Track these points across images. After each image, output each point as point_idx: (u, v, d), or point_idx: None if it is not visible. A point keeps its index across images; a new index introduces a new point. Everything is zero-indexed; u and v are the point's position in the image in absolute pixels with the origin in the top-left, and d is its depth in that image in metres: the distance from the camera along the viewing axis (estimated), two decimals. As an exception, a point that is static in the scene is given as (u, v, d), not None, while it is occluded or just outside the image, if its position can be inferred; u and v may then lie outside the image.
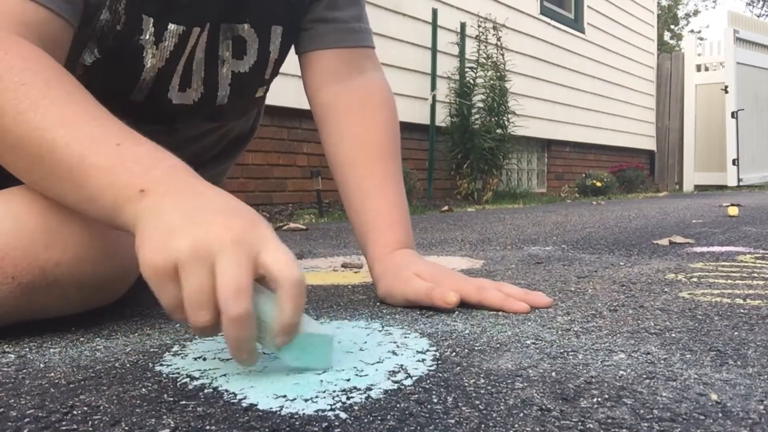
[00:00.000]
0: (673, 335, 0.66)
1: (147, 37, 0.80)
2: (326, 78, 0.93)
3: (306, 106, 1.00)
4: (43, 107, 0.61)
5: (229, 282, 0.50)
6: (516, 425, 0.42)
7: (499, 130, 4.71)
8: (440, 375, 0.53)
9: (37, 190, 0.66)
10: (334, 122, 0.93)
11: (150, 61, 0.82)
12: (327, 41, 0.93)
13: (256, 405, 0.47)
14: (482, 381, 0.52)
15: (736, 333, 0.67)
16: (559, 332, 0.68)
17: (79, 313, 0.74)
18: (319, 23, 0.92)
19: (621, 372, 0.54)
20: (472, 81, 4.63)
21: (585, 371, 0.54)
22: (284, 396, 0.48)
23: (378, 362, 0.57)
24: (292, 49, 0.96)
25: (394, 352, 0.61)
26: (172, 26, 0.81)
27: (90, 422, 0.44)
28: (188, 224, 0.53)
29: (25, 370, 0.56)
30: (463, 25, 4.68)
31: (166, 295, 0.52)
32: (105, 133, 0.61)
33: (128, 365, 0.58)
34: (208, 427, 0.43)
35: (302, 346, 0.54)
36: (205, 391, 0.50)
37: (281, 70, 0.98)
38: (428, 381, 0.52)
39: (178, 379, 0.53)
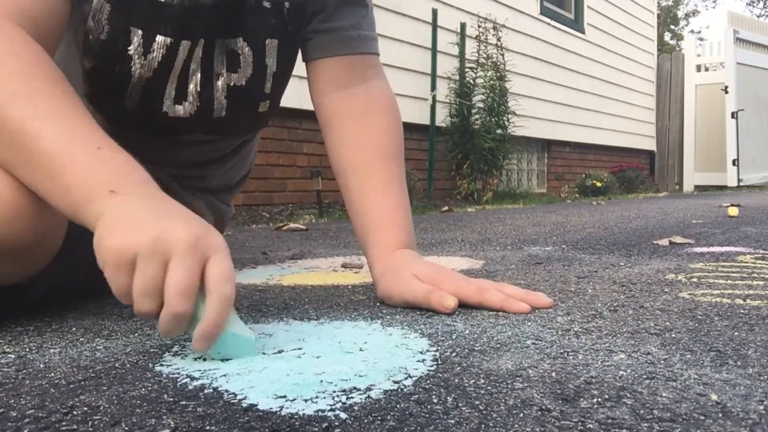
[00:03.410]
0: (673, 335, 0.66)
1: (135, 47, 0.82)
2: (329, 86, 0.94)
3: (306, 106, 1.00)
4: (39, 99, 0.65)
5: (178, 281, 0.56)
6: (516, 425, 0.42)
7: (499, 130, 4.71)
8: (440, 375, 0.53)
9: (10, 172, 0.66)
10: (337, 128, 0.94)
11: (138, 71, 0.84)
12: (326, 50, 0.94)
13: (256, 405, 0.47)
14: (482, 381, 0.52)
15: (736, 333, 0.67)
16: (559, 332, 0.68)
17: (78, 313, 0.74)
18: (317, 33, 0.94)
19: (621, 372, 0.54)
20: (472, 81, 4.63)
21: (585, 371, 0.54)
22: (284, 396, 0.48)
23: (378, 362, 0.57)
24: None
25: (394, 353, 0.61)
26: (159, 38, 0.83)
27: (90, 422, 0.44)
28: (152, 222, 0.58)
29: (25, 370, 0.56)
30: (463, 26, 4.68)
31: (118, 281, 0.57)
32: (89, 136, 0.66)
33: (128, 365, 0.58)
34: (208, 427, 0.43)
35: (226, 344, 0.58)
36: (205, 391, 0.50)
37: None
38: (428, 381, 0.52)
39: (178, 379, 0.53)
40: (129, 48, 0.82)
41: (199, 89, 0.88)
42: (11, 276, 0.73)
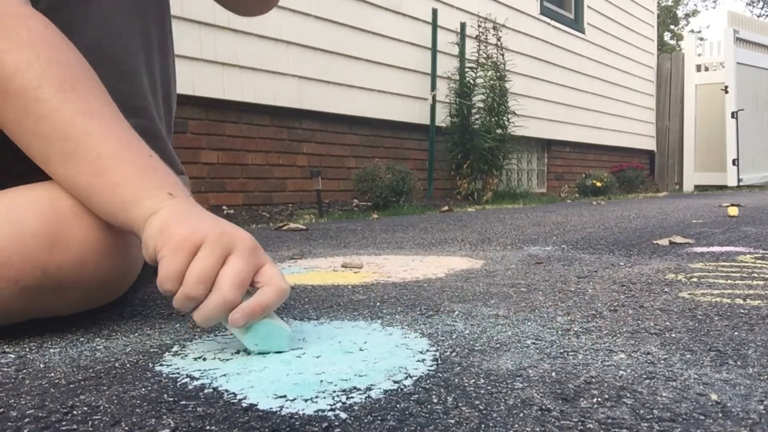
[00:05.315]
0: (673, 335, 0.66)
1: None
2: None
3: (306, 106, 1.00)
4: (85, 95, 0.66)
5: (239, 272, 0.58)
6: (516, 425, 0.42)
7: (499, 130, 4.71)
8: (440, 375, 0.53)
9: (38, 162, 0.67)
10: None
11: None
12: None
13: (256, 405, 0.47)
14: (482, 381, 0.52)
15: (736, 333, 0.67)
16: (559, 332, 0.68)
17: (78, 312, 0.74)
18: None
19: (621, 372, 0.54)
20: (472, 81, 4.62)
21: (585, 371, 0.54)
22: (284, 396, 0.48)
23: (378, 362, 0.57)
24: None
25: (394, 352, 0.61)
26: None
27: (90, 422, 0.44)
28: (217, 221, 0.62)
29: (25, 370, 0.56)
30: (463, 25, 4.67)
31: (174, 262, 0.58)
32: (138, 142, 0.68)
33: (128, 365, 0.58)
34: (208, 427, 0.43)
35: (263, 334, 0.60)
36: (205, 391, 0.50)
37: (278, 69, 0.97)
38: (428, 381, 0.52)
39: (178, 379, 0.53)
40: None
41: None
42: (89, 305, 0.74)
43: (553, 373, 0.53)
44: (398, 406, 0.46)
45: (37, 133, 0.65)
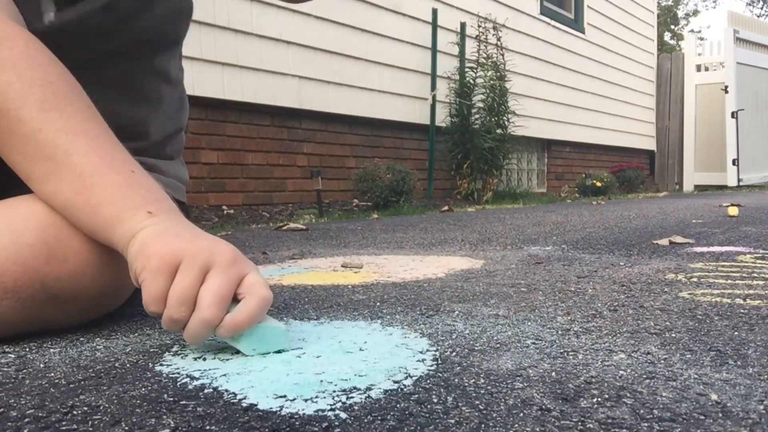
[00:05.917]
0: (673, 335, 0.66)
1: None
2: None
3: (306, 106, 1.00)
4: (67, 112, 0.66)
5: (218, 289, 0.58)
6: (516, 425, 0.42)
7: (499, 130, 4.71)
8: (440, 375, 0.53)
9: (23, 179, 0.67)
10: None
11: None
12: None
13: (256, 405, 0.47)
14: (482, 381, 0.52)
15: (736, 333, 0.67)
16: (559, 332, 0.68)
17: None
18: None
19: (621, 372, 0.54)
20: (472, 81, 4.63)
21: (585, 371, 0.54)
22: (284, 396, 0.48)
23: (378, 362, 0.57)
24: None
25: (394, 352, 0.61)
26: None
27: (90, 422, 0.44)
28: (194, 237, 0.61)
29: (25, 370, 0.56)
30: (463, 25, 4.67)
31: (155, 285, 0.58)
32: (122, 157, 0.67)
33: (128, 365, 0.58)
34: (208, 427, 0.43)
35: (258, 338, 0.60)
36: (205, 391, 0.50)
37: (279, 69, 0.96)
38: (428, 381, 0.52)
39: (178, 379, 0.53)
40: None
41: None
42: (86, 317, 0.73)
43: (553, 373, 0.53)
44: (398, 406, 0.46)
45: (22, 153, 0.65)
